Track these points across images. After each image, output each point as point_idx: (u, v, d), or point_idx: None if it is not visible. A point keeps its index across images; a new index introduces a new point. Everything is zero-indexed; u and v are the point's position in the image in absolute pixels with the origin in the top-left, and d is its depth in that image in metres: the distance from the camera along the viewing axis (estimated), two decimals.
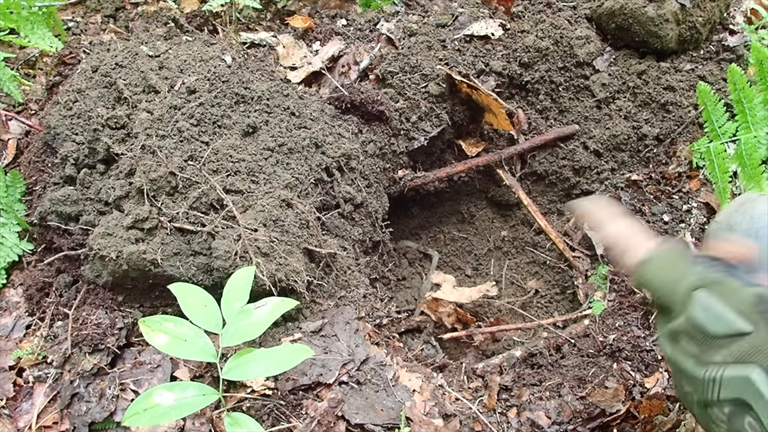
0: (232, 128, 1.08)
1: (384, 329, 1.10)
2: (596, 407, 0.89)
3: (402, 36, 1.41)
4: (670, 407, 0.85)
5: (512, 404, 0.93)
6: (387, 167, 1.33)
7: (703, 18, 1.38)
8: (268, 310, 0.84)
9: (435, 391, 0.93)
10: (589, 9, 1.48)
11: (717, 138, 1.18)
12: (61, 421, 0.89)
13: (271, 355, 0.81)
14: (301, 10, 1.55)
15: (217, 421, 0.85)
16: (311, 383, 0.89)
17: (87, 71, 1.14)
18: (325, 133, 1.16)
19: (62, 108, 1.09)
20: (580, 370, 0.97)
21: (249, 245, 0.92)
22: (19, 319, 1.03)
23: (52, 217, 1.03)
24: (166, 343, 0.79)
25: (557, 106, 1.45)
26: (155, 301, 0.99)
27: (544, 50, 1.39)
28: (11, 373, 0.96)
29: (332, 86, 1.34)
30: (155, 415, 0.74)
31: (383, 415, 0.85)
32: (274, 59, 1.38)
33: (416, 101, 1.33)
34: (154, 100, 1.08)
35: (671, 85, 1.38)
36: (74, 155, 1.06)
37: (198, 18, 1.45)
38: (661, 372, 0.93)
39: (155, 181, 0.97)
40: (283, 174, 1.06)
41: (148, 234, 0.95)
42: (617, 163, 1.39)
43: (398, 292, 1.41)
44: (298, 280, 0.97)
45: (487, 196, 1.53)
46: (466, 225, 1.55)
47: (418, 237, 1.57)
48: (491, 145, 1.47)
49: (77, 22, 1.48)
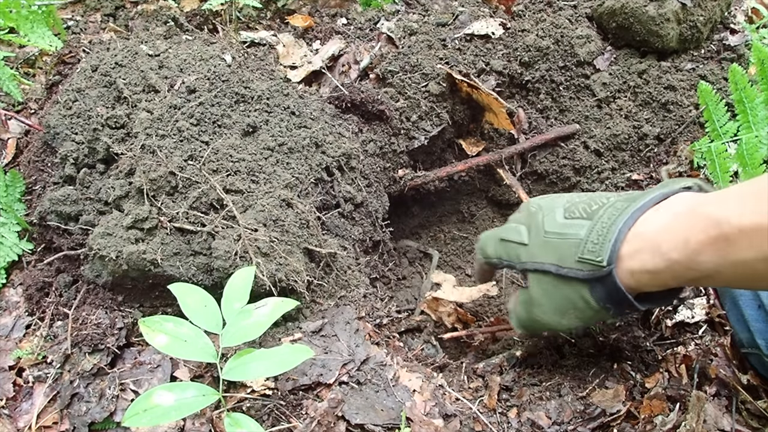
0: (232, 128, 1.08)
1: (384, 329, 1.10)
2: (596, 407, 0.89)
3: (402, 35, 1.41)
4: (671, 407, 0.85)
5: (512, 404, 0.93)
6: (387, 167, 1.33)
7: (704, 17, 1.37)
8: (268, 310, 0.84)
9: (435, 391, 0.93)
10: (590, 8, 1.47)
11: (718, 138, 1.18)
12: (61, 421, 0.89)
13: (272, 356, 0.81)
14: (301, 9, 1.55)
15: (217, 422, 0.85)
16: (311, 383, 0.89)
17: (87, 70, 1.14)
18: (325, 133, 1.15)
19: (62, 107, 1.09)
20: (580, 370, 0.97)
21: (249, 245, 0.92)
22: (19, 319, 1.03)
23: (52, 216, 1.03)
24: (166, 343, 0.79)
25: (558, 106, 1.44)
26: (155, 301, 0.99)
27: (545, 49, 1.39)
28: (11, 373, 0.96)
29: (332, 85, 1.34)
30: (155, 415, 0.73)
31: (383, 415, 0.85)
32: (274, 58, 1.38)
33: (416, 100, 1.33)
34: (154, 99, 1.08)
35: (672, 85, 1.37)
36: (74, 155, 1.06)
37: (198, 17, 1.45)
38: (662, 372, 0.92)
39: (155, 180, 0.97)
40: (284, 173, 1.06)
41: (148, 234, 0.95)
42: (618, 162, 1.39)
43: (398, 291, 1.41)
44: (299, 280, 0.96)
45: (487, 195, 1.53)
46: (467, 224, 1.55)
47: (418, 236, 1.57)
48: (492, 145, 1.47)
49: (77, 21, 1.48)
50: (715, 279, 0.69)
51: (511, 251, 0.88)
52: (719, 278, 0.68)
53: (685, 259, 0.68)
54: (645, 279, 0.73)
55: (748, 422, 0.86)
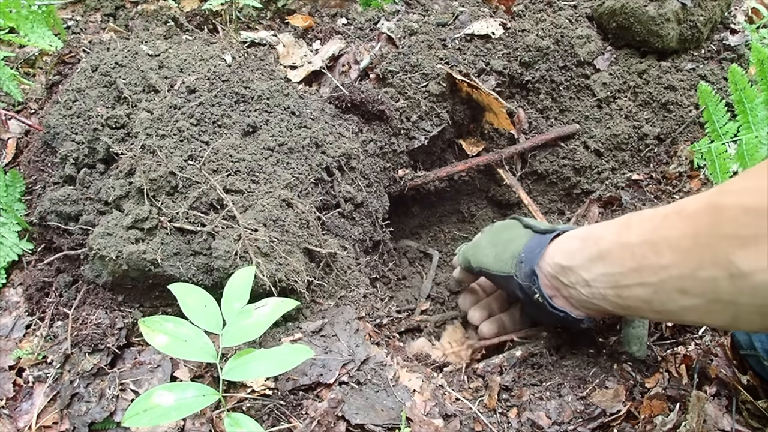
0: (232, 128, 1.08)
1: (384, 329, 1.10)
2: (596, 407, 0.88)
3: (402, 35, 1.41)
4: (671, 407, 0.85)
5: (512, 404, 0.93)
6: (387, 166, 1.33)
7: (704, 17, 1.37)
8: (268, 310, 0.84)
9: (435, 391, 0.93)
10: (590, 8, 1.47)
11: (718, 138, 1.18)
12: (61, 421, 0.89)
13: (272, 356, 0.81)
14: (301, 9, 1.55)
15: (217, 422, 0.85)
16: (311, 383, 0.89)
17: (87, 70, 1.14)
18: (325, 133, 1.15)
19: (62, 107, 1.09)
20: (581, 370, 0.97)
21: (249, 245, 0.92)
22: (19, 319, 1.03)
23: (52, 216, 1.03)
24: (166, 343, 0.79)
25: (558, 106, 1.44)
26: (155, 301, 0.99)
27: (545, 49, 1.39)
28: (11, 373, 0.96)
29: (332, 85, 1.34)
30: (155, 415, 0.73)
31: (383, 416, 0.85)
32: (275, 58, 1.38)
33: (417, 100, 1.33)
34: (154, 99, 1.08)
35: (672, 85, 1.37)
36: (74, 155, 1.06)
37: (198, 17, 1.45)
38: (662, 372, 0.92)
39: (155, 180, 0.97)
40: (284, 174, 1.06)
41: (148, 234, 0.95)
42: (618, 162, 1.39)
43: (398, 291, 1.41)
44: (299, 280, 0.96)
45: (487, 195, 1.53)
46: (467, 224, 1.55)
47: (418, 236, 1.57)
48: (492, 145, 1.47)
49: (77, 21, 1.48)
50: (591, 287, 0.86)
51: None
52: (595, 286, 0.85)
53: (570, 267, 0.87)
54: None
55: (748, 422, 0.86)
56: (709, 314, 0.69)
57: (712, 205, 0.67)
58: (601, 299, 0.84)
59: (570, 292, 0.89)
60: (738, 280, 0.62)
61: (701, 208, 0.69)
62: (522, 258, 0.94)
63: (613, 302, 0.82)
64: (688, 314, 0.72)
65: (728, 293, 0.64)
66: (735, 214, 0.63)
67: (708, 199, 0.68)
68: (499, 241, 1.03)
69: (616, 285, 0.80)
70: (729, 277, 0.63)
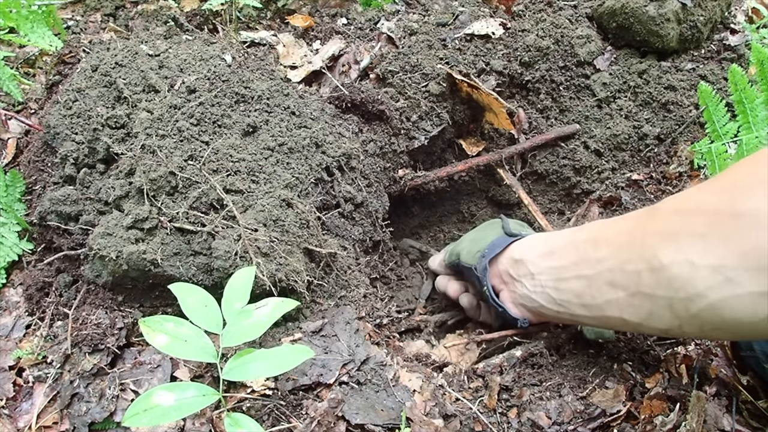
0: (232, 128, 1.08)
1: (384, 329, 1.10)
2: (596, 407, 0.88)
3: (402, 35, 1.41)
4: (671, 407, 0.85)
5: (512, 404, 0.93)
6: (387, 166, 1.33)
7: (705, 17, 1.37)
8: (268, 310, 0.84)
9: (435, 391, 0.93)
10: (590, 8, 1.47)
11: (718, 138, 1.18)
12: (61, 421, 0.89)
13: (272, 356, 0.81)
14: (301, 9, 1.55)
15: (217, 422, 0.85)
16: (311, 383, 0.89)
17: (87, 70, 1.14)
18: (325, 133, 1.15)
19: (62, 107, 1.09)
20: (581, 370, 0.97)
21: (249, 245, 0.92)
22: (19, 319, 1.03)
23: (52, 216, 1.03)
24: (167, 343, 0.79)
25: (558, 106, 1.44)
26: (155, 301, 0.99)
27: (545, 49, 1.39)
28: (11, 373, 0.96)
29: (332, 85, 1.34)
30: (155, 415, 0.73)
31: (383, 416, 0.85)
32: (275, 58, 1.38)
33: (417, 100, 1.33)
34: (154, 99, 1.08)
35: (672, 85, 1.37)
36: (74, 155, 1.06)
37: (198, 17, 1.45)
38: (662, 372, 0.92)
39: (155, 180, 0.97)
40: (284, 174, 1.06)
41: (148, 234, 0.95)
42: (618, 162, 1.39)
43: (398, 291, 1.41)
44: (299, 280, 0.96)
45: (487, 195, 1.53)
46: (467, 224, 1.55)
47: (418, 236, 1.57)
48: (492, 145, 1.47)
49: (77, 21, 1.48)
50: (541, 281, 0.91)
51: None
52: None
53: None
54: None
55: (748, 422, 0.86)
56: (628, 308, 0.73)
57: (653, 207, 0.74)
58: (541, 293, 0.89)
59: (516, 286, 0.95)
60: (657, 273, 0.67)
61: (644, 210, 0.75)
62: (485, 253, 1.02)
63: (550, 296, 0.87)
64: (610, 307, 0.76)
65: (648, 286, 0.69)
66: (667, 213, 0.69)
67: (654, 204, 0.75)
68: (476, 238, 1.12)
69: (558, 278, 0.85)
70: (650, 269, 0.67)
